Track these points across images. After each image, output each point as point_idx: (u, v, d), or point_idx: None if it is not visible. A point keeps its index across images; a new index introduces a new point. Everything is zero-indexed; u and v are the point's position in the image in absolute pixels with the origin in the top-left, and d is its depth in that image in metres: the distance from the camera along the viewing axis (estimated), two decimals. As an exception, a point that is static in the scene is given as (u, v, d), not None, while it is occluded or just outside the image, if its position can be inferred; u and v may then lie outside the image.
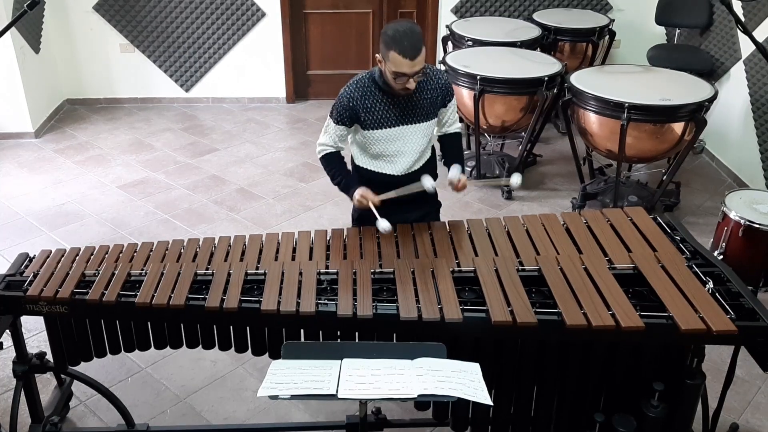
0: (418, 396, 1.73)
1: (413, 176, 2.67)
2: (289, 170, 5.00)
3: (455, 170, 2.63)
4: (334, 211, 4.45)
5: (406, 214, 2.67)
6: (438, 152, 2.83)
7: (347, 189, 2.66)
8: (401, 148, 2.64)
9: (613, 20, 5.44)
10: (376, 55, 2.49)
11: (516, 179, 2.61)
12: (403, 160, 2.67)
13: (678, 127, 3.96)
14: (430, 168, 2.77)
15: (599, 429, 2.18)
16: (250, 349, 2.35)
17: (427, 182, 2.56)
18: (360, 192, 2.58)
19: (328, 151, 2.69)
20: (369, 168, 2.72)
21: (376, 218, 2.48)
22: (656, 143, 4.03)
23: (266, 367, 1.85)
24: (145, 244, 2.56)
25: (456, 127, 2.78)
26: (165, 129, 5.66)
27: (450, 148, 2.80)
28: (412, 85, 2.46)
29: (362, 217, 2.75)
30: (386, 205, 2.63)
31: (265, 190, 4.72)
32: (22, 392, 2.56)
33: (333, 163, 2.70)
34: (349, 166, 2.78)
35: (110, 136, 5.51)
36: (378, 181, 2.68)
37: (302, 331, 2.27)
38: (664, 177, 4.35)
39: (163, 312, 2.25)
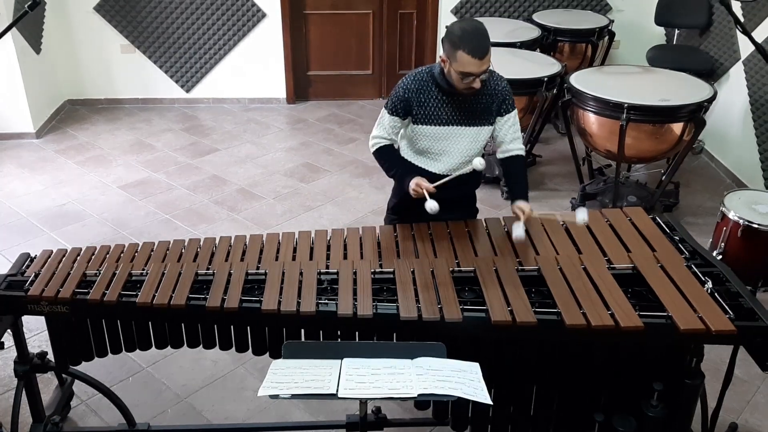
0: (418, 395, 1.73)
1: (454, 179, 2.62)
2: (290, 170, 5.00)
3: (522, 204, 2.55)
4: (334, 211, 4.45)
5: (439, 213, 2.57)
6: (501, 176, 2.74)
7: (402, 179, 2.63)
8: (447, 147, 2.63)
9: (613, 21, 5.45)
10: (440, 54, 2.47)
11: (582, 215, 2.43)
12: (447, 160, 2.65)
13: (677, 127, 3.97)
14: (474, 177, 2.75)
15: (599, 429, 2.18)
16: (250, 349, 2.36)
17: (477, 161, 2.49)
18: (416, 181, 2.55)
19: (381, 144, 2.68)
20: (414, 162, 2.71)
21: (425, 200, 2.45)
22: (655, 144, 4.04)
23: (267, 366, 1.86)
24: (146, 245, 2.57)
25: (517, 148, 2.69)
26: (166, 129, 5.67)
27: (511, 176, 2.73)
28: (478, 84, 2.43)
29: (397, 207, 2.79)
30: (421, 202, 2.63)
31: (266, 191, 4.73)
32: (24, 392, 2.57)
33: (387, 155, 2.69)
34: None
35: (111, 137, 5.52)
36: (420, 176, 2.64)
37: (303, 330, 2.28)
38: (664, 177, 4.35)
39: (164, 312, 2.26)
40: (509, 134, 2.67)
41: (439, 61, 2.51)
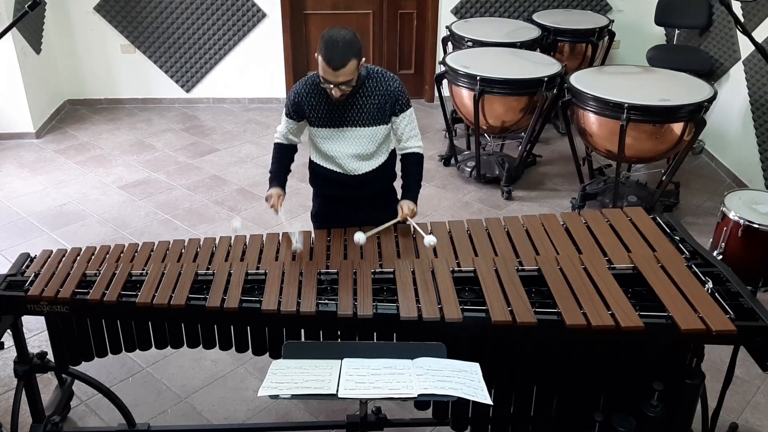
0: (418, 395, 1.74)
1: (363, 179, 2.69)
2: (291, 170, 4.98)
3: (403, 203, 2.65)
4: (334, 211, 4.45)
5: (357, 213, 2.70)
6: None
7: (270, 183, 2.78)
8: (345, 149, 2.65)
9: (613, 21, 5.45)
10: (316, 54, 2.48)
11: (429, 240, 2.45)
12: (350, 162, 2.67)
13: (677, 127, 3.97)
14: (386, 169, 2.76)
15: (599, 429, 2.18)
16: (250, 349, 2.36)
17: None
18: (271, 191, 2.72)
19: (279, 141, 2.79)
20: (321, 164, 2.75)
21: (277, 213, 2.67)
22: (655, 143, 4.04)
23: (267, 366, 1.86)
24: (146, 245, 2.57)
25: (414, 145, 2.71)
26: (166, 129, 5.67)
27: (404, 173, 2.75)
28: (336, 93, 2.46)
29: (318, 215, 2.89)
30: (338, 204, 2.75)
31: (266, 191, 4.71)
32: (24, 392, 2.57)
33: (277, 154, 2.80)
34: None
35: (111, 137, 5.52)
36: (330, 179, 2.74)
37: (303, 330, 2.28)
38: (664, 177, 4.35)
39: (164, 312, 2.26)
40: (406, 132, 2.69)
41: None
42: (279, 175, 2.78)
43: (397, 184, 2.89)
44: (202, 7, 5.74)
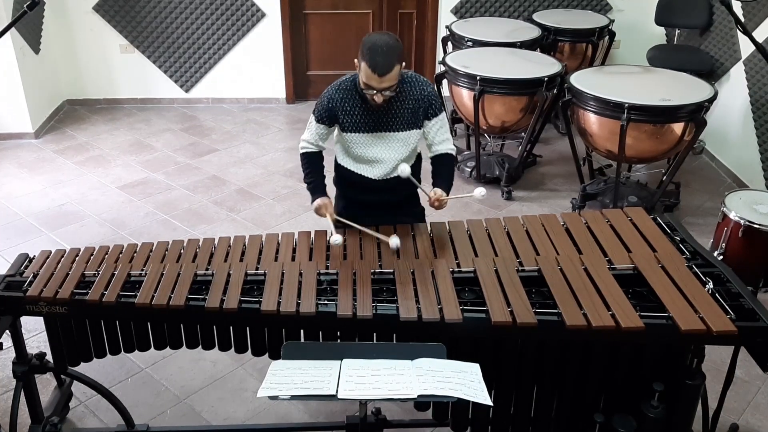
0: (418, 396, 1.73)
1: (392, 183, 2.68)
2: (289, 171, 5.00)
3: (436, 189, 2.62)
4: (334, 211, 4.44)
5: (381, 217, 2.66)
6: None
7: (313, 193, 2.68)
8: (378, 154, 2.64)
9: (613, 21, 5.44)
10: (355, 60, 2.48)
11: (479, 192, 2.54)
12: (381, 166, 2.67)
13: (678, 127, 3.96)
14: (413, 174, 2.72)
15: (599, 429, 2.18)
16: (250, 350, 2.35)
17: (401, 168, 2.53)
18: (318, 203, 2.62)
19: (309, 150, 2.71)
20: (349, 168, 2.73)
21: (331, 232, 2.47)
22: (656, 144, 4.03)
23: (266, 367, 1.85)
24: (144, 245, 2.57)
25: (446, 147, 2.71)
26: (165, 129, 5.66)
27: (436, 171, 2.72)
28: (379, 99, 2.45)
29: (340, 216, 2.78)
30: (362, 207, 2.69)
31: (265, 191, 4.72)
32: (22, 393, 2.56)
33: (310, 163, 2.71)
34: (332, 165, 2.79)
35: (110, 137, 5.51)
36: (358, 183, 2.72)
37: (302, 331, 2.27)
38: (664, 177, 4.35)
39: (163, 312, 2.25)
40: (438, 136, 2.68)
41: (356, 67, 2.51)
42: (318, 183, 2.69)
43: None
44: (201, 7, 5.73)
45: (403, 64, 2.47)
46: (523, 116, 4.53)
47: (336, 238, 2.41)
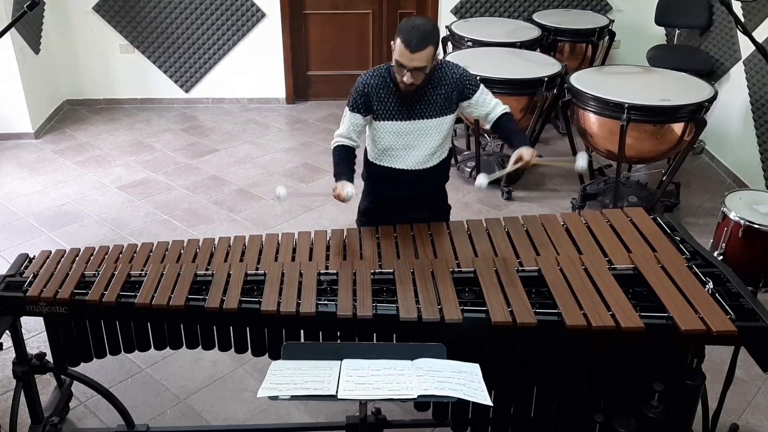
0: (418, 396, 1.73)
1: (424, 173, 2.68)
2: (289, 171, 5.00)
3: (522, 149, 2.55)
4: (334, 211, 4.44)
5: (408, 213, 2.67)
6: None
7: (337, 178, 2.59)
8: (411, 142, 2.63)
9: (613, 21, 5.45)
10: (391, 42, 2.48)
11: (582, 161, 2.55)
12: (413, 155, 2.66)
13: (678, 127, 3.96)
14: (443, 167, 2.76)
15: (599, 429, 2.18)
16: (250, 350, 2.35)
17: (482, 181, 2.53)
18: (340, 184, 2.53)
19: (341, 143, 2.67)
20: (380, 164, 2.72)
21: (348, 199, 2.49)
22: (656, 144, 4.03)
23: (266, 367, 1.85)
24: (144, 245, 2.56)
25: (501, 108, 2.67)
26: (165, 130, 5.66)
27: (505, 129, 2.69)
28: (408, 79, 2.44)
29: (368, 210, 2.81)
30: (391, 204, 2.65)
31: (265, 191, 4.72)
32: (22, 393, 2.56)
33: (342, 156, 2.65)
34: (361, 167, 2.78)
35: (110, 137, 5.51)
36: (389, 177, 2.70)
37: (302, 331, 2.27)
38: (664, 177, 4.35)
39: (163, 312, 2.25)
40: (487, 105, 2.67)
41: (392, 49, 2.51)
42: (346, 172, 2.60)
43: (449, 186, 2.89)
44: (201, 7, 5.73)
45: (439, 53, 2.47)
46: (523, 116, 4.52)
47: (349, 190, 2.43)
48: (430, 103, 2.59)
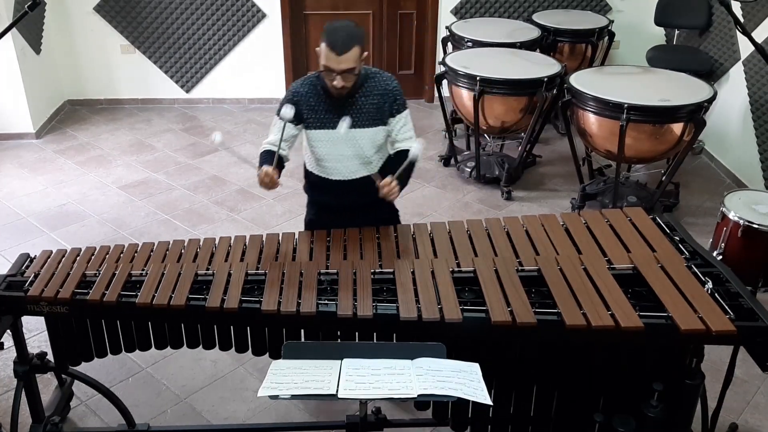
0: (418, 396, 1.73)
1: (361, 184, 2.63)
2: (290, 171, 4.92)
3: (388, 177, 2.48)
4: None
5: (353, 221, 2.62)
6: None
7: (260, 167, 2.53)
8: (343, 151, 2.60)
9: (613, 21, 5.45)
10: (317, 48, 2.46)
11: (416, 148, 2.43)
12: (346, 165, 2.62)
13: (677, 127, 3.97)
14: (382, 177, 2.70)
15: (599, 429, 2.18)
16: (250, 349, 2.36)
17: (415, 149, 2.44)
18: (264, 168, 2.46)
19: (267, 148, 2.63)
20: (316, 173, 2.71)
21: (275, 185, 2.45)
22: (655, 144, 4.04)
23: (267, 367, 1.86)
24: (145, 245, 2.57)
25: (410, 144, 2.56)
26: (166, 130, 5.67)
27: (398, 162, 2.54)
28: (339, 82, 2.41)
29: (312, 223, 2.81)
30: (333, 214, 2.67)
31: (266, 191, 4.71)
32: (23, 392, 2.57)
33: (265, 156, 2.59)
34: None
35: (111, 137, 5.52)
36: (327, 187, 2.69)
37: (302, 331, 2.28)
38: (664, 177, 4.35)
39: (163, 312, 2.26)
40: (401, 134, 2.63)
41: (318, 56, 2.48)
42: (267, 160, 2.56)
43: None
44: (202, 8, 5.74)
45: (365, 53, 2.45)
46: (522, 116, 4.53)
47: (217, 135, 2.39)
48: (361, 113, 2.55)
